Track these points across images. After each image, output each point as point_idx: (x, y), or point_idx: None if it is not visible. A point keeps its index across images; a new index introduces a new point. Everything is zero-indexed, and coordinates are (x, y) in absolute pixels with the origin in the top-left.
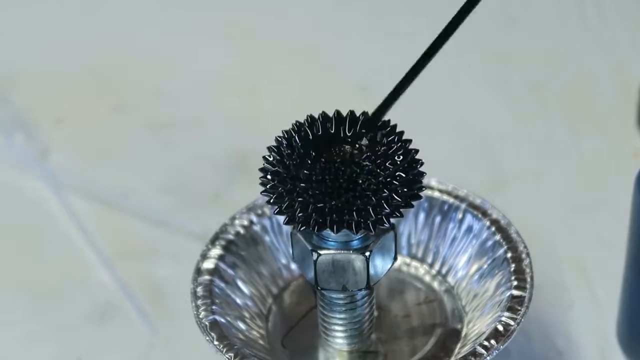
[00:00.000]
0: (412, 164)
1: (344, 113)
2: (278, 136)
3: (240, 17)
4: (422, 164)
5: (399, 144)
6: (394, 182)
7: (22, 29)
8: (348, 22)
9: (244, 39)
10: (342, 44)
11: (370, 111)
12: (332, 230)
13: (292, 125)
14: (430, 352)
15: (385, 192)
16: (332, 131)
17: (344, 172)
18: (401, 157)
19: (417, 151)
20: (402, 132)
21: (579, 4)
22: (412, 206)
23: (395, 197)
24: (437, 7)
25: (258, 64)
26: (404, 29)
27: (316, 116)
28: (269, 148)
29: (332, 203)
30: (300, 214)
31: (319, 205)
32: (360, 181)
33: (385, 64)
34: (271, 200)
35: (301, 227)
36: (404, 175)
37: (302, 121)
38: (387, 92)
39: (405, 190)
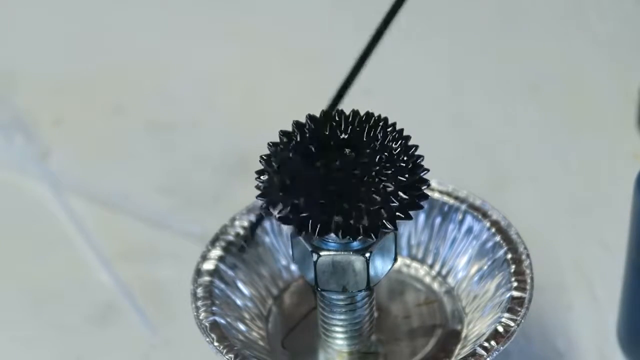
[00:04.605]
0: (415, 166)
1: (345, 113)
2: (272, 143)
3: (240, 17)
4: (425, 169)
5: (401, 142)
6: (398, 184)
7: (22, 29)
8: (348, 22)
9: (244, 39)
10: (342, 44)
11: (370, 111)
12: (337, 235)
13: (292, 126)
14: (431, 353)
15: (391, 188)
16: (335, 131)
17: (348, 173)
18: (403, 155)
19: (420, 155)
20: (408, 137)
21: (579, 4)
22: (422, 207)
23: (403, 195)
24: (437, 8)
25: (257, 64)
26: (404, 30)
27: (315, 116)
28: (268, 144)
29: (336, 205)
30: (304, 217)
31: (324, 208)
32: (366, 181)
33: (385, 65)
34: (268, 200)
35: (300, 231)
36: (407, 176)
37: (303, 121)
38: (387, 92)
39: (408, 193)
